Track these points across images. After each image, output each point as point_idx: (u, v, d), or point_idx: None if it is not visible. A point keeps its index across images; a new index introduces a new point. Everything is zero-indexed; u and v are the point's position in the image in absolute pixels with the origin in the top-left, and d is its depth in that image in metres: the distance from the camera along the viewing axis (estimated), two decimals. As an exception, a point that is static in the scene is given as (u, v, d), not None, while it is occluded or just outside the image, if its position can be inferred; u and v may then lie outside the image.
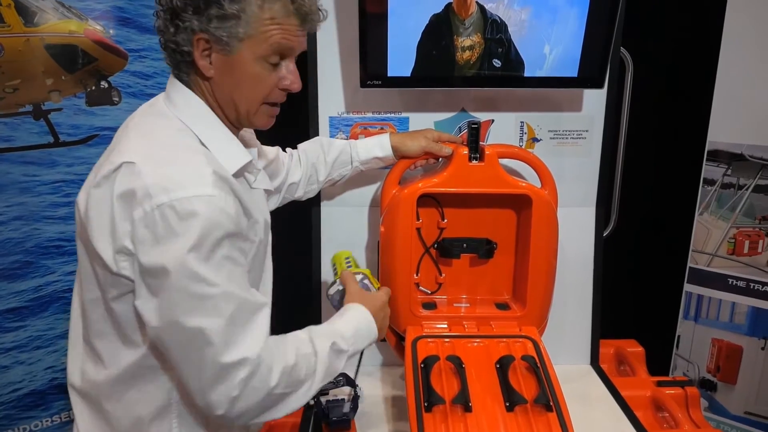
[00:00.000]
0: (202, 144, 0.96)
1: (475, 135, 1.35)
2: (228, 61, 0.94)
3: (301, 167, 1.37)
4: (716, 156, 1.98)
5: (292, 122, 1.54)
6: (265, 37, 0.94)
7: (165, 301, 0.87)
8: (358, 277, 1.24)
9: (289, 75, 1.00)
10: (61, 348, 1.74)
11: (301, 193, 1.39)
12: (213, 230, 0.86)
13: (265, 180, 1.13)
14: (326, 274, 1.56)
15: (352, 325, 1.09)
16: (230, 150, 1.00)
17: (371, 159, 1.39)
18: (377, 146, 1.39)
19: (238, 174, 1.01)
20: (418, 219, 1.38)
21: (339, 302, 1.20)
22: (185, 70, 0.98)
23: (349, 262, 1.31)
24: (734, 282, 2.02)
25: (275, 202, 1.36)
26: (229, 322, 0.88)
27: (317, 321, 1.56)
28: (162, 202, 0.85)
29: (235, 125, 1.04)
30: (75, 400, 1.04)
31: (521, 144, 1.54)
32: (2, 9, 1.52)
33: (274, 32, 0.94)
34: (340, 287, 1.22)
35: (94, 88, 1.67)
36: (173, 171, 0.88)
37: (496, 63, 1.36)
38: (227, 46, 0.93)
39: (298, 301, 1.57)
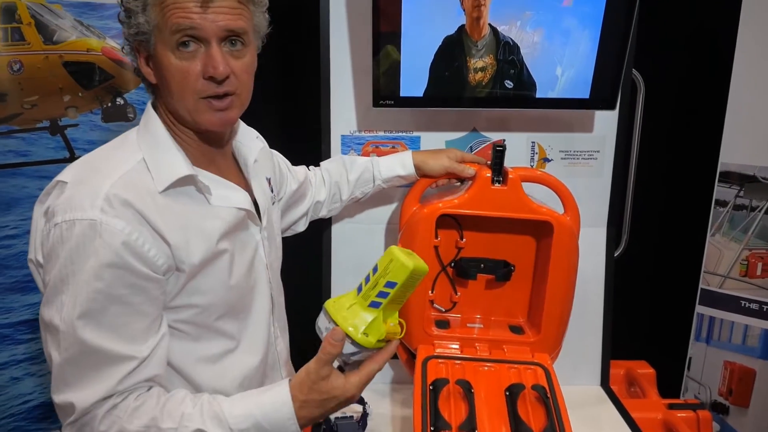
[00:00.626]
0: (145, 162, 0.92)
1: (499, 157, 1.34)
2: (155, 62, 0.92)
3: (325, 186, 1.38)
4: (728, 177, 1.98)
5: (304, 140, 1.57)
6: (165, 22, 0.88)
7: (41, 313, 0.88)
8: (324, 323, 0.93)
9: (208, 61, 0.90)
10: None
11: (326, 212, 1.41)
12: (85, 259, 0.82)
13: (236, 198, 1.03)
14: (337, 293, 1.57)
15: (255, 414, 0.88)
16: (166, 166, 0.93)
17: (393, 177, 1.40)
18: (399, 165, 1.39)
19: (176, 187, 0.93)
20: (436, 237, 1.38)
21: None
22: (147, 87, 0.99)
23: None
24: (747, 304, 2.01)
25: (304, 223, 1.39)
26: (67, 362, 0.84)
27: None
28: (57, 222, 0.85)
29: (198, 133, 0.99)
30: None
31: (532, 164, 1.54)
32: (23, 27, 1.56)
33: (170, 14, 0.88)
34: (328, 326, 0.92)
35: (110, 104, 1.69)
36: (78, 191, 0.86)
37: (509, 84, 1.37)
38: (146, 44, 0.91)
39: (307, 320, 1.57)
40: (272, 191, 1.20)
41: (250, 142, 1.15)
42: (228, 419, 0.87)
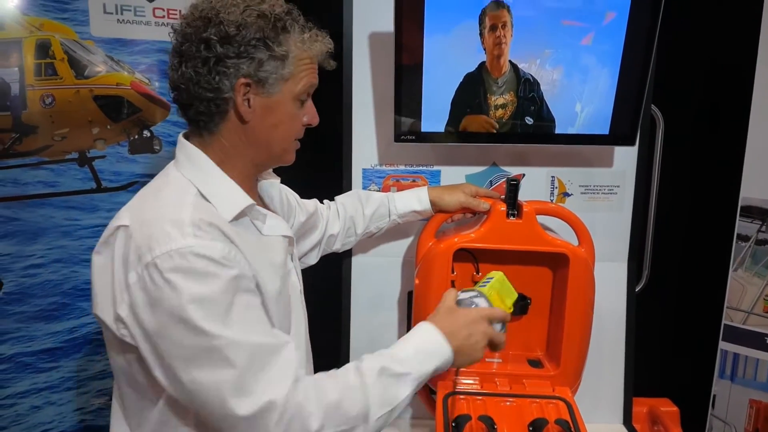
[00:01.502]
0: (202, 195, 0.94)
1: (513, 191, 1.36)
2: (267, 103, 0.96)
3: (340, 219, 1.39)
4: (749, 212, 1.96)
5: (326, 173, 1.59)
6: (302, 77, 0.97)
7: (172, 360, 0.84)
8: (466, 294, 1.09)
9: (311, 111, 1.04)
10: (91, 390, 1.75)
11: (339, 246, 1.42)
12: (203, 280, 0.83)
13: (280, 226, 1.08)
14: (356, 326, 1.57)
15: (411, 344, 0.98)
16: (228, 197, 0.96)
17: (409, 212, 1.41)
18: (415, 200, 1.41)
19: (238, 219, 0.96)
20: (452, 272, 1.39)
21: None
22: (214, 121, 0.96)
23: (488, 281, 1.14)
24: (772, 341, 1.97)
25: (316, 256, 1.38)
26: (243, 370, 0.83)
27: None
28: (147, 261, 0.83)
29: (259, 169, 1.06)
30: None
31: (552, 198, 1.55)
32: (56, 63, 1.61)
33: (308, 71, 0.98)
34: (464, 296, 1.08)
35: (137, 137, 1.74)
36: (156, 229, 0.86)
37: (529, 120, 1.39)
38: (271, 88, 0.95)
39: (327, 351, 1.57)
40: None
41: (271, 177, 1.20)
42: (399, 358, 0.96)
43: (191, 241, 0.84)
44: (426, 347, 0.98)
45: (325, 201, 1.43)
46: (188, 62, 0.93)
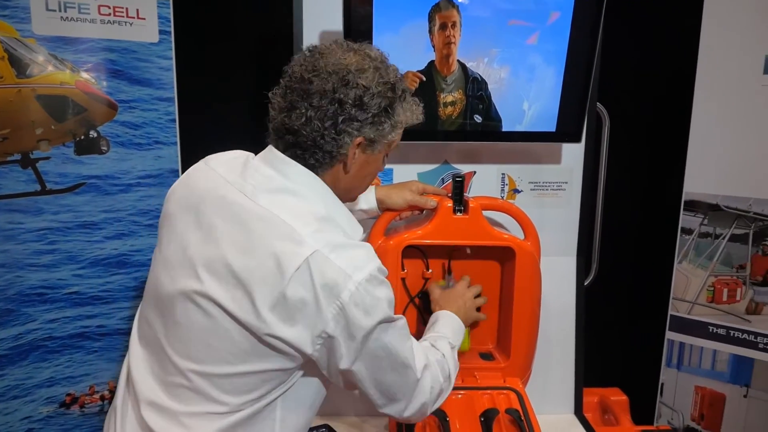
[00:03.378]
0: (339, 225, 1.03)
1: (459, 188, 1.39)
2: (368, 159, 1.05)
3: None
4: (693, 206, 2.04)
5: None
6: (394, 138, 1.06)
7: (368, 345, 0.98)
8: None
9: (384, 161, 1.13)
10: (39, 398, 1.70)
11: None
12: (389, 288, 1.00)
13: None
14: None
15: (450, 328, 1.27)
16: (354, 223, 1.10)
17: (356, 211, 1.41)
18: (362, 199, 1.41)
19: None
20: (403, 269, 1.40)
21: None
22: (323, 167, 1.03)
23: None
24: (715, 330, 2.05)
25: None
26: (410, 345, 1.05)
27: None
28: (361, 278, 0.94)
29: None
30: None
31: (503, 195, 1.58)
32: (-5, 61, 1.56)
33: (398, 137, 1.07)
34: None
35: (83, 137, 1.69)
36: (352, 251, 0.97)
37: (477, 119, 1.41)
38: (377, 147, 1.04)
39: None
40: None
41: None
42: (449, 336, 1.24)
43: (378, 263, 0.99)
44: (455, 328, 1.28)
45: None
46: (316, 113, 0.98)
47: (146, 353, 1.07)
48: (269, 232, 0.95)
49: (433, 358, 1.13)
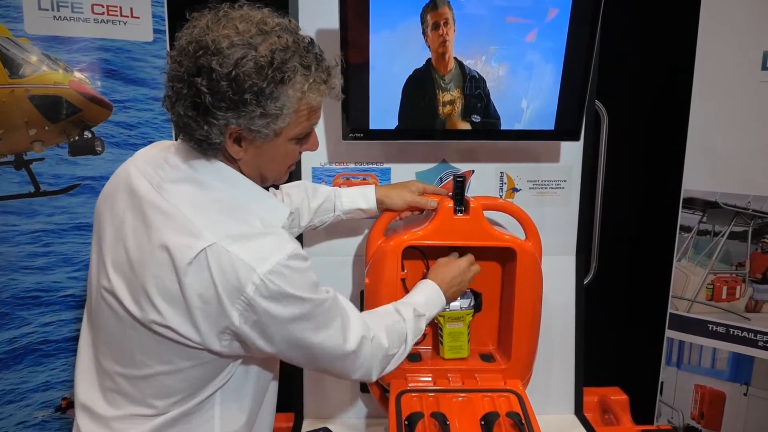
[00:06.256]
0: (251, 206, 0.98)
1: (459, 188, 1.37)
2: (260, 146, 0.94)
3: None
4: (692, 204, 2.03)
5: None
6: (300, 122, 0.94)
7: (302, 334, 0.96)
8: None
9: (311, 141, 1.03)
10: (34, 402, 1.68)
11: None
12: (308, 272, 0.95)
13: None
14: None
15: (423, 295, 1.25)
16: (275, 207, 1.03)
17: (354, 210, 1.40)
18: (362, 198, 1.40)
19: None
20: (403, 269, 1.38)
21: None
22: (210, 152, 0.95)
23: None
24: (714, 328, 2.04)
25: None
26: (338, 324, 1.00)
27: (299, 382, 1.54)
28: (265, 270, 0.88)
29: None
30: None
31: (501, 194, 1.57)
32: (-13, 61, 1.54)
33: (308, 118, 0.96)
34: None
35: (77, 138, 1.67)
36: (258, 241, 0.91)
37: (476, 118, 1.40)
38: (264, 137, 0.92)
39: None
40: None
41: None
42: (419, 304, 1.22)
43: (293, 246, 0.93)
44: (432, 299, 1.26)
45: (270, 189, 1.39)
46: (179, 101, 0.89)
47: (86, 357, 1.04)
48: (166, 225, 0.90)
49: (383, 324, 1.12)
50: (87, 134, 1.68)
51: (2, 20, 1.56)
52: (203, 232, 0.89)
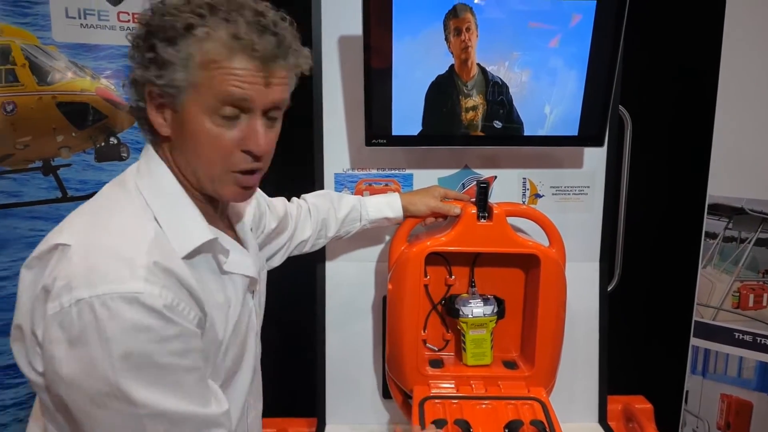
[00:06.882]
0: (157, 222, 0.82)
1: (483, 194, 1.37)
2: (178, 118, 0.81)
3: (311, 222, 1.35)
4: (717, 210, 2.00)
5: (297, 178, 1.58)
6: (210, 85, 0.79)
7: (83, 416, 0.74)
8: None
9: (249, 133, 0.82)
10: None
11: (309, 248, 1.39)
12: (138, 335, 0.72)
13: (245, 263, 0.96)
14: (331, 332, 1.56)
15: None
16: (185, 228, 0.84)
17: (381, 219, 1.40)
18: (387, 207, 1.40)
19: (194, 255, 0.84)
20: (425, 276, 1.38)
21: None
22: (150, 133, 0.86)
23: None
24: (741, 336, 2.01)
25: (280, 258, 1.33)
26: None
27: (322, 387, 1.55)
28: (81, 297, 0.71)
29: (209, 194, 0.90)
30: None
31: (524, 200, 1.56)
32: (17, 69, 1.57)
33: (219, 79, 0.78)
34: None
35: (103, 144, 1.70)
36: (101, 260, 0.74)
37: (497, 124, 1.39)
38: (173, 98, 0.80)
39: (300, 354, 1.55)
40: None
41: None
42: None
43: (140, 286, 0.72)
44: None
45: (293, 199, 1.39)
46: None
47: None
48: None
49: None
50: (113, 140, 1.71)
51: (31, 28, 1.59)
52: (66, 229, 0.80)
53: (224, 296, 0.90)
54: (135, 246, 0.77)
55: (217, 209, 0.95)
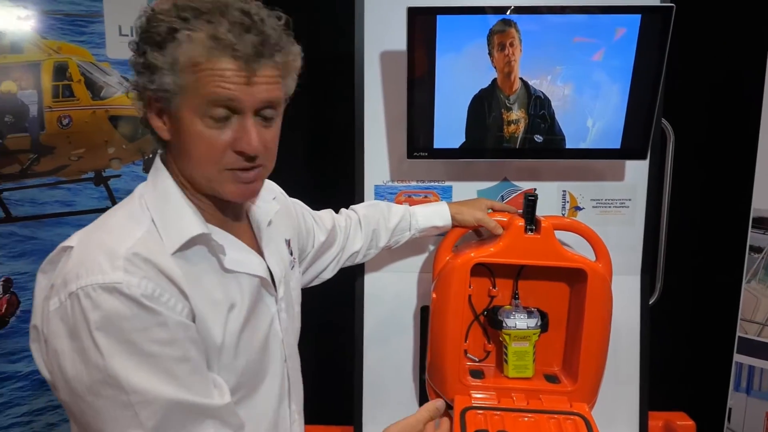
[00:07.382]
0: (153, 223, 0.84)
1: (531, 207, 1.37)
2: (174, 121, 0.84)
3: (362, 233, 1.36)
4: (761, 223, 1.96)
5: (337, 189, 1.61)
6: (196, 87, 0.80)
7: (85, 407, 0.76)
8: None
9: (241, 134, 0.84)
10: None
11: (360, 259, 1.40)
12: (121, 323, 0.74)
13: (250, 263, 0.95)
14: (369, 340, 1.58)
15: None
16: (177, 226, 0.85)
17: (430, 228, 1.42)
18: (436, 216, 1.41)
19: (185, 249, 0.85)
20: (469, 286, 1.39)
21: None
22: (156, 140, 0.90)
23: None
24: (787, 353, 1.95)
25: (332, 270, 1.34)
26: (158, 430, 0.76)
27: (359, 395, 1.56)
28: (72, 290, 0.76)
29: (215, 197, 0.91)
30: None
31: (564, 212, 1.56)
32: (73, 84, 1.64)
33: (204, 80, 0.80)
34: None
35: (151, 155, 1.76)
36: (89, 255, 0.78)
37: (538, 138, 1.40)
38: (168, 102, 0.82)
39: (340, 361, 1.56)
40: (291, 254, 1.11)
41: (265, 204, 1.05)
42: None
43: (119, 276, 0.75)
44: None
45: (342, 210, 1.41)
46: None
47: None
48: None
49: None
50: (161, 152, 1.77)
51: (87, 46, 1.66)
52: (78, 233, 0.85)
53: (225, 295, 0.89)
54: (121, 241, 0.80)
55: (228, 211, 0.95)
